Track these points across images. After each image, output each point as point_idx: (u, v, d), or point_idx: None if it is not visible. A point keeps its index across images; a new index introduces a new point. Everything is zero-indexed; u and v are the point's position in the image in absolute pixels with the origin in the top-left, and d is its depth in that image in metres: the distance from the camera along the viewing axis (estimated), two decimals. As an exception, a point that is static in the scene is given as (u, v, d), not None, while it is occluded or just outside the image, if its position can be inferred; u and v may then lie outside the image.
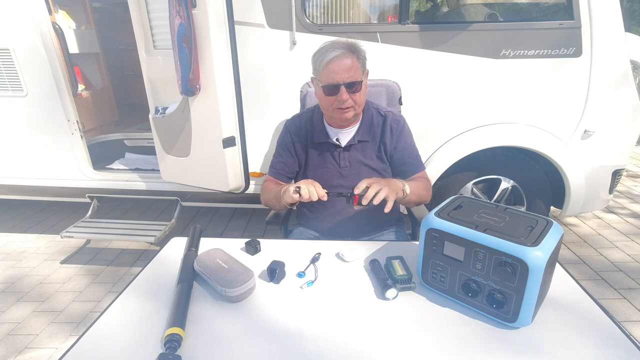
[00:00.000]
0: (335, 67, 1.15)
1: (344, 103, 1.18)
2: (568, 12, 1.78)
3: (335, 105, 1.20)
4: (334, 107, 1.21)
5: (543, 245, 0.71)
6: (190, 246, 1.05)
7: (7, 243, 2.64)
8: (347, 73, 1.15)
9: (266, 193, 1.35)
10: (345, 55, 1.15)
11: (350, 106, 1.20)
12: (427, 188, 1.30)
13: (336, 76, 1.15)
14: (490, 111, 1.95)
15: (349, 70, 1.15)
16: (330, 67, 1.15)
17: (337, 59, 1.15)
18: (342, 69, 1.15)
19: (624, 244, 2.43)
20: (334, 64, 1.15)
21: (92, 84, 3.06)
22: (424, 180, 1.31)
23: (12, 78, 2.13)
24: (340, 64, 1.15)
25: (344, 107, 1.19)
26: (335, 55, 1.15)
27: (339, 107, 1.20)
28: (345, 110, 1.21)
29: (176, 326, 0.74)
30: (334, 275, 0.95)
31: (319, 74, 1.20)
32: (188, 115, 1.89)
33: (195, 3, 1.64)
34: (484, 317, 0.79)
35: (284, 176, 1.39)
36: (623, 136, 1.98)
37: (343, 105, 1.19)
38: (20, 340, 1.75)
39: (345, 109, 1.20)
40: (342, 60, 1.15)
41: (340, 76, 1.15)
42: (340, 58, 1.15)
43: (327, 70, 1.16)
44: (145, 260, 2.41)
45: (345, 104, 1.19)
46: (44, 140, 2.27)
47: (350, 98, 1.18)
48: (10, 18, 2.01)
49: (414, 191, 1.19)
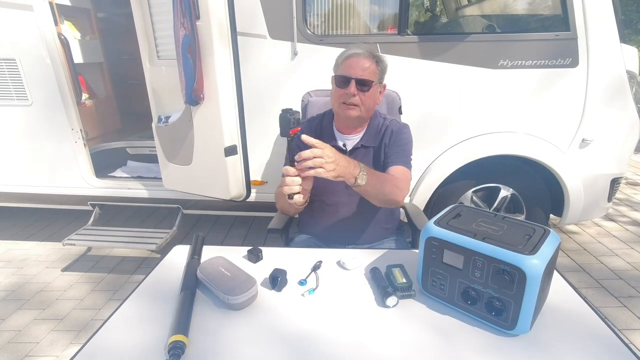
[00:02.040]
0: (353, 62, 1.21)
1: (350, 98, 1.21)
2: (564, 24, 1.82)
3: (343, 98, 1.22)
4: (340, 102, 1.24)
5: (540, 254, 0.72)
6: (193, 254, 1.06)
7: (9, 250, 2.65)
8: (361, 71, 1.20)
9: (279, 199, 1.33)
10: (365, 56, 1.22)
11: (357, 104, 1.22)
12: (395, 185, 1.18)
13: (350, 70, 1.21)
14: (489, 120, 1.97)
15: (364, 69, 1.21)
16: (348, 62, 1.22)
17: (356, 56, 1.22)
18: (358, 66, 1.21)
19: (623, 251, 2.44)
20: (352, 60, 1.22)
21: (96, 93, 3.10)
22: (392, 177, 1.21)
23: (17, 87, 2.16)
24: (359, 61, 1.21)
25: (349, 103, 1.22)
26: (356, 52, 1.22)
27: (345, 102, 1.22)
28: (350, 107, 1.23)
29: (180, 333, 0.75)
30: (335, 283, 0.96)
31: (338, 67, 1.26)
32: (191, 124, 1.92)
33: (199, 15, 1.68)
34: (483, 325, 0.80)
35: None
36: (621, 144, 2.00)
37: (349, 100, 1.21)
38: (21, 348, 1.75)
39: (350, 105, 1.22)
40: (361, 59, 1.21)
41: (354, 71, 1.20)
42: (359, 56, 1.22)
43: (344, 64, 1.23)
44: (146, 267, 2.44)
45: (352, 100, 1.21)
46: (48, 149, 2.30)
47: (358, 96, 1.21)
48: (17, 29, 2.05)
49: (371, 182, 1.09)
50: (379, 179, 1.13)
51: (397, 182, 1.20)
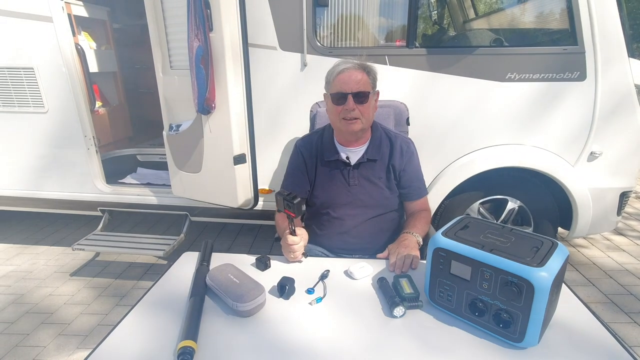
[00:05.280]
0: (345, 77, 1.23)
1: (350, 112, 1.22)
2: (572, 38, 1.83)
3: (342, 114, 1.24)
4: (340, 118, 1.25)
5: (548, 266, 0.72)
6: (202, 261, 1.07)
7: (18, 255, 2.69)
8: (356, 84, 1.22)
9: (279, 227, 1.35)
10: (356, 69, 1.24)
11: (357, 117, 1.24)
12: (429, 221, 1.35)
13: (345, 86, 1.22)
14: (496, 132, 1.98)
15: (358, 82, 1.22)
16: (340, 78, 1.23)
17: (347, 71, 1.23)
18: (351, 80, 1.22)
19: (634, 266, 2.40)
20: (344, 75, 1.23)
21: (109, 101, 3.16)
22: (425, 216, 1.36)
23: (34, 95, 2.22)
24: (350, 75, 1.23)
25: (350, 118, 1.23)
26: (346, 68, 1.24)
27: (345, 118, 1.24)
28: (351, 121, 1.24)
29: (189, 339, 0.76)
30: (342, 292, 0.97)
31: (330, 86, 1.26)
32: (201, 133, 1.95)
33: (213, 27, 1.73)
34: (490, 337, 0.80)
35: None
36: (630, 158, 1.99)
37: (349, 115, 1.23)
38: (27, 352, 1.76)
39: (351, 119, 1.24)
40: (352, 73, 1.23)
41: (348, 86, 1.22)
42: (350, 70, 1.23)
43: (337, 81, 1.24)
44: (154, 274, 2.45)
45: (352, 114, 1.22)
46: (61, 155, 2.34)
47: (357, 109, 1.23)
48: (37, 39, 2.11)
49: (422, 235, 1.25)
50: (424, 228, 1.29)
51: (428, 216, 1.37)
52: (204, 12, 1.68)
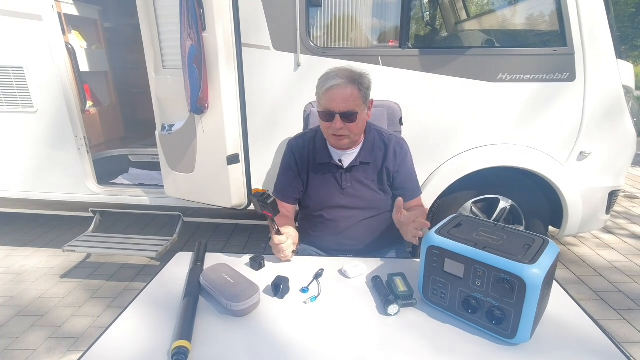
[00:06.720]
0: (334, 95, 1.17)
1: (338, 131, 1.20)
2: (562, 40, 1.86)
3: (331, 131, 1.23)
4: (329, 133, 1.24)
5: (540, 263, 0.74)
6: (196, 261, 1.07)
7: (8, 256, 2.64)
8: (344, 103, 1.17)
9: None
10: (345, 85, 1.16)
11: (345, 135, 1.22)
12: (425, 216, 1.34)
13: (333, 104, 1.17)
14: (488, 132, 2.00)
15: (346, 100, 1.16)
16: (328, 95, 1.18)
17: (336, 88, 1.16)
18: (340, 98, 1.16)
19: (623, 264, 2.44)
20: (332, 92, 1.17)
21: (100, 101, 3.13)
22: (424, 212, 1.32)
23: (23, 95, 2.19)
24: (339, 93, 1.16)
25: (338, 135, 1.22)
26: (335, 84, 1.16)
27: (334, 134, 1.23)
28: (339, 138, 1.23)
29: (183, 339, 0.76)
30: (337, 291, 0.97)
31: (319, 98, 1.23)
32: (194, 133, 1.94)
33: (206, 26, 1.72)
34: (483, 333, 0.80)
35: (290, 197, 1.39)
36: (618, 158, 2.03)
37: (337, 132, 1.21)
38: (17, 355, 1.73)
39: (339, 136, 1.23)
40: (342, 90, 1.16)
41: (336, 105, 1.17)
42: (339, 87, 1.16)
43: (325, 97, 1.19)
44: (146, 275, 2.43)
45: (339, 132, 1.21)
46: (51, 155, 2.31)
47: (345, 127, 1.20)
48: (26, 38, 2.08)
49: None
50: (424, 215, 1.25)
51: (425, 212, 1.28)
52: (197, 11, 1.67)
